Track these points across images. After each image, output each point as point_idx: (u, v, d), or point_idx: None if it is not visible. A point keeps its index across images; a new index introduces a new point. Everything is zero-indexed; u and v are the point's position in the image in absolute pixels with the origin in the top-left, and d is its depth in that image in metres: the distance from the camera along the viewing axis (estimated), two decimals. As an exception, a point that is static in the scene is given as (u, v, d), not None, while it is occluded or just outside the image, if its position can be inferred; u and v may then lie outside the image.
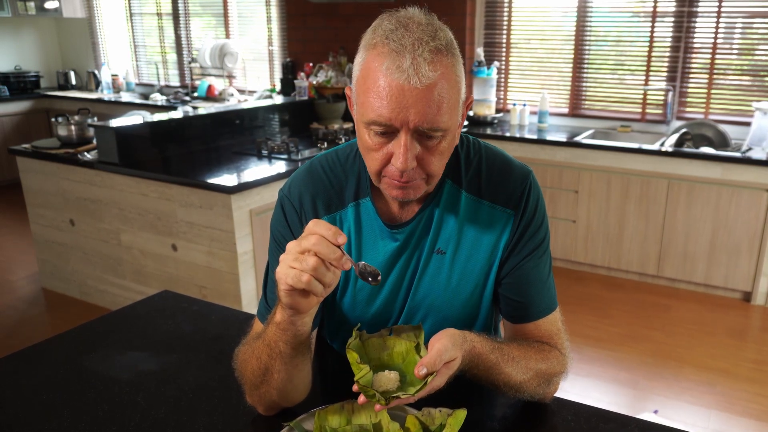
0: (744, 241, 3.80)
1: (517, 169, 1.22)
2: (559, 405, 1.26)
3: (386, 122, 1.01)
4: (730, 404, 2.90)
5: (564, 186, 4.24)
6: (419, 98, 0.99)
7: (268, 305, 1.23)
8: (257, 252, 3.25)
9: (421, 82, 0.99)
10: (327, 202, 1.23)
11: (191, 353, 1.46)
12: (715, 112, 4.30)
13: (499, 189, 1.20)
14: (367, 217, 1.22)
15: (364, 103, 1.04)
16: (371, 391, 0.99)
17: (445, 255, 1.20)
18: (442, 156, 1.08)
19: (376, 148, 1.06)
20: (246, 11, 6.07)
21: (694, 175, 3.83)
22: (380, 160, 1.07)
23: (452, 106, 1.04)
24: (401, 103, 0.99)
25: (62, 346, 1.52)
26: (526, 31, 4.91)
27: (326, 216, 1.22)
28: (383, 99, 1.00)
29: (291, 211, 1.24)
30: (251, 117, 4.28)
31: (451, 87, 1.03)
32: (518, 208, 1.19)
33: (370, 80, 1.02)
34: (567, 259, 4.38)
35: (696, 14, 4.21)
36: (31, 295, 4.13)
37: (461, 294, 1.22)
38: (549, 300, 1.22)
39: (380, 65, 1.01)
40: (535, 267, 1.20)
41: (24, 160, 3.93)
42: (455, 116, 1.06)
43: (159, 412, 1.23)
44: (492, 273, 1.21)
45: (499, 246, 1.20)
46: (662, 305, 3.89)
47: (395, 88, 0.99)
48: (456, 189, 1.20)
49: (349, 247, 1.22)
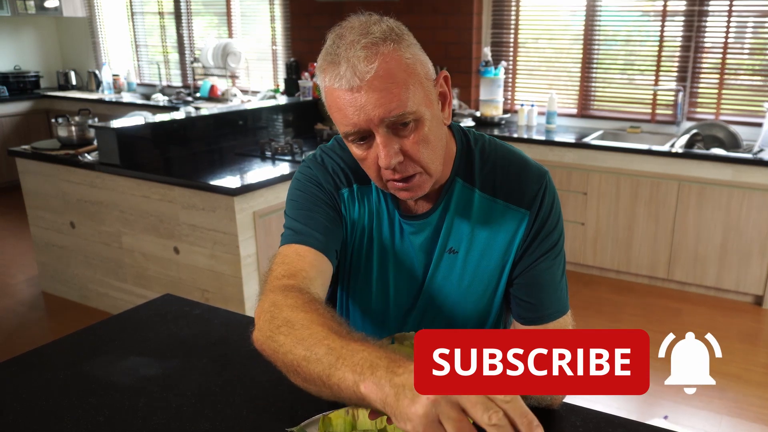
0: (755, 243, 3.76)
1: (533, 169, 1.22)
2: (567, 410, 1.24)
3: (355, 129, 1.05)
4: (742, 410, 2.88)
5: (573, 188, 4.21)
6: (368, 93, 1.01)
7: (298, 224, 1.20)
8: (261, 255, 3.23)
9: (361, 80, 1.01)
10: (355, 174, 1.24)
11: (193, 358, 1.44)
12: (726, 113, 4.27)
13: (514, 188, 1.19)
14: (385, 203, 1.23)
15: (336, 121, 1.08)
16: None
17: (457, 254, 1.20)
18: (428, 144, 1.08)
19: (364, 157, 1.10)
20: (249, 10, 6.06)
21: (705, 177, 3.80)
22: (374, 167, 1.10)
23: (409, 88, 1.04)
24: (356, 106, 1.02)
25: (62, 350, 1.51)
26: (534, 31, 4.89)
27: (356, 184, 1.24)
28: (341, 110, 1.04)
29: (323, 173, 1.24)
30: (254, 118, 4.29)
31: (401, 70, 1.03)
32: (533, 209, 1.18)
33: (329, 99, 1.07)
34: (576, 263, 4.35)
35: (707, 13, 4.18)
36: (30, 299, 4.11)
37: (473, 293, 1.22)
38: (561, 303, 1.22)
39: (328, 82, 1.05)
40: (548, 268, 1.20)
41: (24, 162, 3.91)
42: (419, 97, 1.05)
43: (161, 419, 1.22)
44: (504, 273, 1.21)
45: (512, 246, 1.20)
46: (672, 309, 3.85)
47: (345, 96, 1.03)
48: (469, 187, 1.20)
49: (369, 225, 1.24)
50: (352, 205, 1.23)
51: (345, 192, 1.23)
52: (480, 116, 4.77)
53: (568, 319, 1.23)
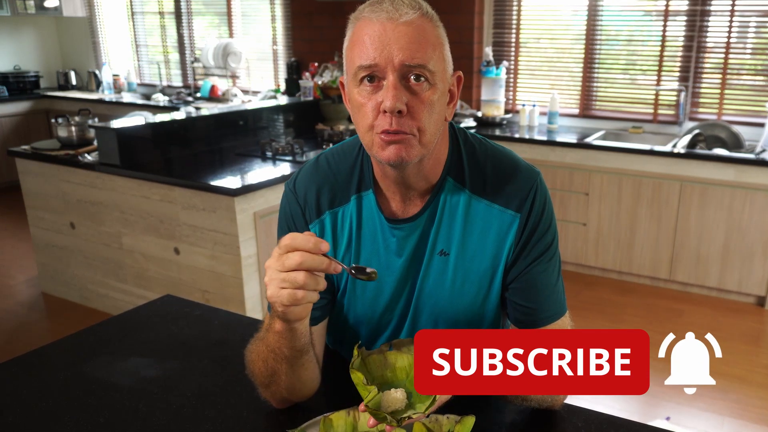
0: (758, 244, 3.75)
1: (524, 171, 1.20)
2: (569, 411, 1.24)
3: (372, 62, 1.04)
4: (744, 411, 2.87)
5: (574, 188, 4.20)
6: (402, 34, 1.03)
7: None
8: (261, 255, 3.23)
9: (401, 17, 1.03)
10: (331, 197, 1.24)
11: (194, 359, 1.45)
12: (728, 113, 4.26)
13: (504, 189, 1.18)
14: (369, 211, 1.22)
15: (351, 59, 1.07)
16: (382, 414, 0.99)
17: (448, 256, 1.19)
18: (432, 110, 1.07)
19: (364, 102, 1.07)
20: (250, 10, 6.05)
21: (707, 177, 3.79)
22: (371, 114, 1.07)
23: (435, 52, 1.06)
24: (383, 41, 1.03)
25: (62, 351, 1.51)
26: (536, 31, 4.88)
27: (329, 211, 1.23)
28: (365, 44, 1.04)
29: (295, 206, 1.26)
30: (255, 118, 4.28)
31: (434, 36, 1.07)
32: (524, 211, 1.17)
33: (356, 33, 1.07)
34: (577, 263, 4.34)
35: (709, 13, 4.17)
36: (30, 300, 4.10)
37: (465, 296, 1.21)
38: (557, 305, 1.21)
39: (364, 14, 1.06)
40: (543, 272, 1.19)
41: (23, 162, 3.90)
42: (442, 66, 1.08)
43: (161, 420, 1.23)
44: (497, 276, 1.20)
45: (503, 249, 1.18)
46: (675, 310, 3.84)
47: (376, 27, 1.04)
48: (459, 187, 1.19)
49: (350, 241, 1.23)
50: (323, 236, 1.24)
51: (316, 227, 1.24)
52: (481, 116, 4.75)
53: (566, 320, 1.22)
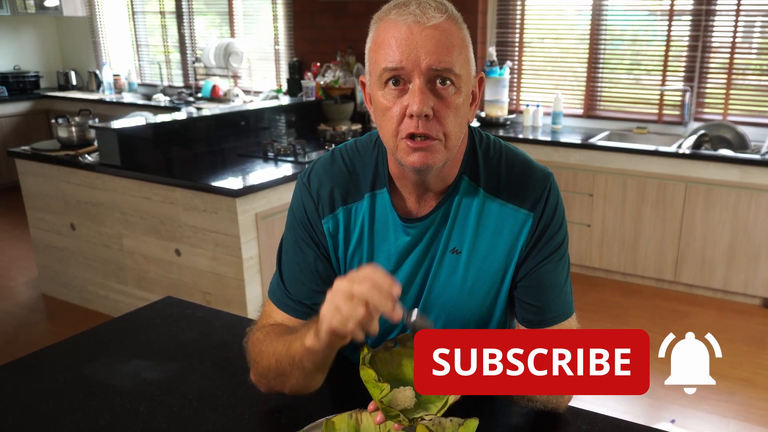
0: (764, 245, 3.74)
1: (537, 171, 1.22)
2: (573, 414, 1.24)
3: (398, 65, 1.04)
4: (750, 414, 2.86)
5: (578, 189, 4.19)
6: (428, 37, 1.03)
7: (286, 290, 1.25)
8: (263, 257, 3.22)
9: (428, 21, 1.03)
10: (344, 193, 1.24)
11: (195, 361, 1.46)
12: (733, 114, 4.25)
13: (518, 189, 1.20)
14: (382, 209, 1.23)
15: (376, 60, 1.08)
16: (395, 412, 0.98)
17: (460, 255, 1.21)
18: (458, 114, 1.08)
19: (389, 105, 1.07)
20: (251, 9, 6.04)
21: (713, 178, 3.78)
22: (396, 118, 1.07)
23: (461, 55, 1.07)
24: (411, 44, 1.03)
25: (62, 353, 1.51)
26: (540, 30, 4.87)
27: (342, 207, 1.24)
28: (391, 46, 1.04)
29: (308, 200, 1.26)
30: (257, 118, 4.28)
31: (460, 39, 1.07)
32: (537, 210, 1.19)
33: (381, 34, 1.07)
34: (582, 265, 4.33)
35: (714, 13, 4.16)
36: (30, 301, 4.10)
37: (476, 295, 1.22)
38: (565, 306, 1.22)
39: (390, 16, 1.06)
40: (552, 271, 1.20)
41: (23, 163, 3.90)
42: (467, 69, 1.09)
43: (162, 422, 1.23)
44: (508, 275, 1.21)
45: (516, 248, 1.20)
46: (680, 311, 3.83)
47: (403, 30, 1.04)
48: (473, 187, 1.20)
49: (361, 238, 1.24)
50: (337, 231, 1.24)
51: (329, 222, 1.24)
52: (485, 116, 4.75)
53: (572, 321, 1.22)
